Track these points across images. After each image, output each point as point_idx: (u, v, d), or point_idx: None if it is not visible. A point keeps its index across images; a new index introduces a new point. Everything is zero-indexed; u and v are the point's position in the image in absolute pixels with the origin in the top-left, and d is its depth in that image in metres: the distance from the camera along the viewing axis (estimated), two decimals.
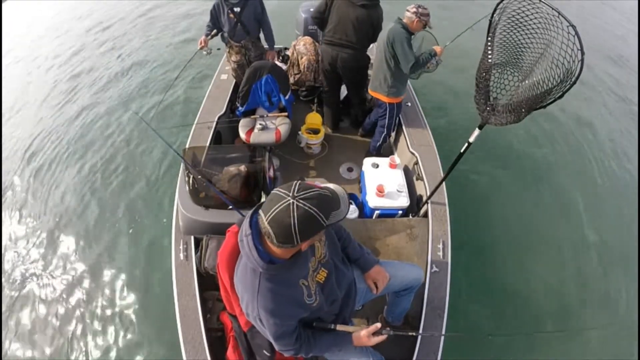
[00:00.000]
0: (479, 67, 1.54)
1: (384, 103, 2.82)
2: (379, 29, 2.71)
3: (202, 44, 2.96)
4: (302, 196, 0.91)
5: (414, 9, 2.47)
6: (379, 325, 1.22)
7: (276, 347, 1.22)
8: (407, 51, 2.47)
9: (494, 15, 1.43)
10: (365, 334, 1.22)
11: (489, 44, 1.47)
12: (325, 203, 0.93)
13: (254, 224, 1.06)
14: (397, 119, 2.96)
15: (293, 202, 0.89)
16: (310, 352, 1.25)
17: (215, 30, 3.03)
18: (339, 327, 1.28)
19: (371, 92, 2.90)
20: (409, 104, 3.18)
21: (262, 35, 3.22)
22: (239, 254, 1.19)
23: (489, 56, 1.46)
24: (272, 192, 0.95)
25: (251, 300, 1.09)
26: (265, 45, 3.31)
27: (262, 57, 3.23)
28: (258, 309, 1.08)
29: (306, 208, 0.90)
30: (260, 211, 0.95)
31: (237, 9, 2.90)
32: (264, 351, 1.49)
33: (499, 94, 1.54)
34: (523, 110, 1.35)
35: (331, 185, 1.07)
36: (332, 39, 2.79)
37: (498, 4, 1.39)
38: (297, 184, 0.94)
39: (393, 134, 3.23)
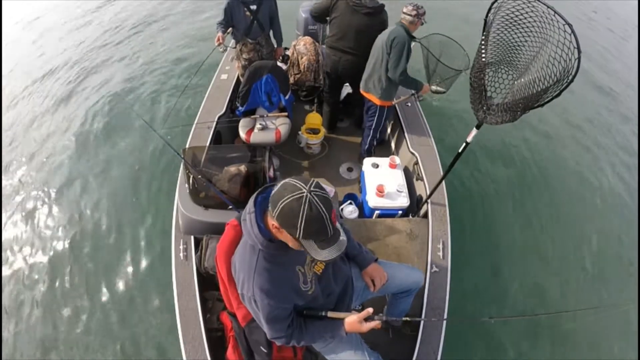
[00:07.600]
0: (472, 66, 1.54)
1: (374, 105, 2.76)
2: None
3: (220, 41, 2.96)
4: (316, 193, 0.92)
5: (414, 11, 2.37)
6: (370, 310, 1.20)
7: (268, 333, 1.21)
8: (402, 57, 2.39)
9: (489, 14, 1.42)
10: (356, 319, 1.20)
11: (483, 42, 1.46)
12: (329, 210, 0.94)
13: (259, 204, 1.09)
14: (386, 123, 2.89)
15: (307, 195, 0.90)
16: (302, 339, 1.24)
17: (230, 28, 3.06)
18: (330, 314, 1.28)
19: (363, 93, 2.81)
20: (409, 104, 3.17)
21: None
22: (237, 245, 1.21)
23: (483, 55, 1.46)
24: (285, 181, 0.95)
25: (247, 279, 1.10)
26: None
27: (272, 54, 3.30)
28: (253, 287, 1.09)
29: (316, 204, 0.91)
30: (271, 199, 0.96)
31: (253, 7, 2.95)
32: (261, 347, 1.50)
33: (493, 93, 1.53)
34: (519, 109, 1.34)
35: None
36: (335, 45, 2.81)
37: (493, 3, 1.39)
38: (314, 182, 0.95)
39: (390, 135, 3.23)
